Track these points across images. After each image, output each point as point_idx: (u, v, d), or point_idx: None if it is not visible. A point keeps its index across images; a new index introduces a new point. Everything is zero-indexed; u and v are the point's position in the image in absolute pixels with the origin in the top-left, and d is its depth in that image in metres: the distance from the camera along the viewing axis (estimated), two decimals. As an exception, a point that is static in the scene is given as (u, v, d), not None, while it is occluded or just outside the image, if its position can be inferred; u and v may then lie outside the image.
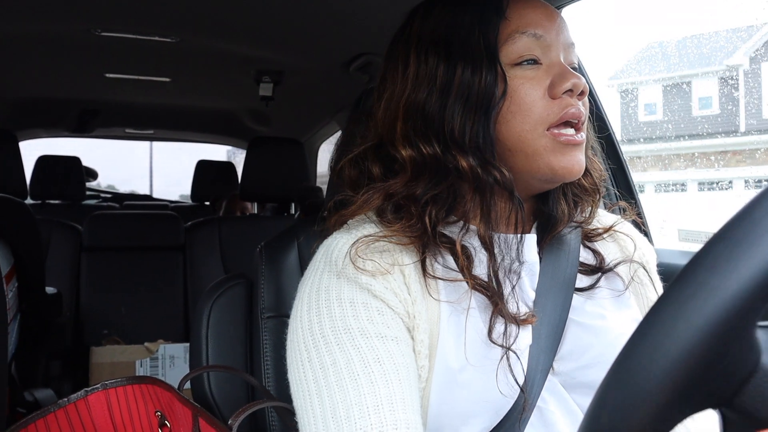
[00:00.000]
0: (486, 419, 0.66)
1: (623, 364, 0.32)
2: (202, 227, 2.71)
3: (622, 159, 1.50)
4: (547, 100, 0.69)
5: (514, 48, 0.70)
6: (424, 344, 0.66)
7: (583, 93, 0.69)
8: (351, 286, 0.67)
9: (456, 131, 0.68)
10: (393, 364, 0.62)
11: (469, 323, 0.67)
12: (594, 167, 0.79)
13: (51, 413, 0.85)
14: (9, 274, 1.39)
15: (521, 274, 0.73)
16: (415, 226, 0.69)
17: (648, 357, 0.31)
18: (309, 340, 0.65)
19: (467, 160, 0.68)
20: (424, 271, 0.69)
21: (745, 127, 3.72)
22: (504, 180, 0.68)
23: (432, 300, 0.68)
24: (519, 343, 0.68)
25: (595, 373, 0.70)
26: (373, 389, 0.60)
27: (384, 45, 0.83)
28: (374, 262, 0.67)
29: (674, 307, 0.31)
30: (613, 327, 0.73)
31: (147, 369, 2.20)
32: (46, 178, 3.25)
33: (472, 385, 0.65)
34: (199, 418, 0.79)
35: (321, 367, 0.63)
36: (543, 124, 0.68)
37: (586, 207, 0.79)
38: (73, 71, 2.46)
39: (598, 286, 0.76)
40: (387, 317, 0.65)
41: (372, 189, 0.73)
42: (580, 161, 0.70)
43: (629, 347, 0.33)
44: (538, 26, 0.70)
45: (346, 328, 0.64)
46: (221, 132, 3.91)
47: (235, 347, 1.00)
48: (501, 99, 0.68)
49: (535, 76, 0.69)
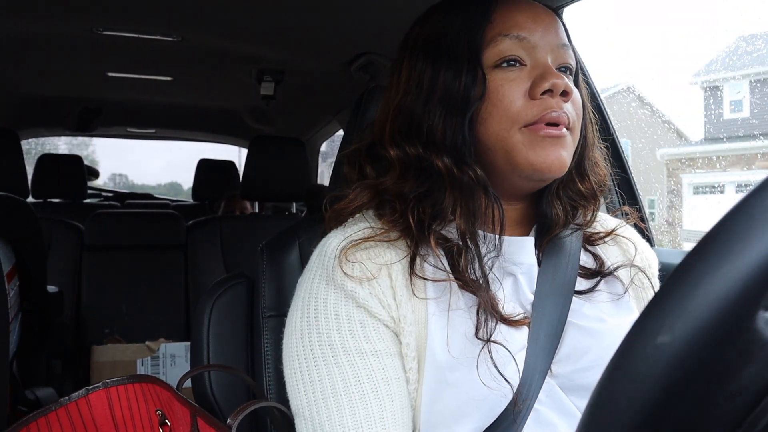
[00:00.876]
0: (478, 418, 0.67)
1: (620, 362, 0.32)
2: (203, 226, 2.71)
3: (625, 163, 1.50)
4: (526, 101, 0.70)
5: (496, 50, 0.71)
6: (410, 347, 0.69)
7: (566, 94, 0.70)
8: (337, 293, 0.70)
9: (436, 132, 0.71)
10: (371, 382, 0.67)
11: (457, 321, 0.69)
12: (594, 172, 0.79)
13: (52, 412, 0.85)
14: (10, 272, 1.40)
15: (517, 276, 0.74)
16: (400, 220, 0.72)
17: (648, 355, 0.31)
18: (300, 350, 0.70)
19: (442, 160, 0.70)
20: (411, 271, 0.70)
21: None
22: (478, 178, 0.70)
23: (418, 300, 0.70)
24: (512, 343, 0.68)
25: (593, 376, 0.70)
26: (352, 410, 0.66)
27: (385, 44, 0.85)
28: (362, 264, 0.70)
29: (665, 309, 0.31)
30: (612, 330, 0.73)
31: (148, 368, 2.20)
32: (48, 177, 3.25)
33: (462, 383, 0.66)
34: (197, 418, 0.79)
35: (310, 381, 0.69)
36: (519, 123, 0.69)
37: (588, 212, 0.79)
38: (75, 70, 2.47)
39: (598, 289, 0.77)
40: (368, 329, 0.69)
41: (363, 186, 0.76)
42: (560, 157, 0.70)
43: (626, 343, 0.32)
44: (522, 28, 0.71)
45: (331, 344, 0.68)
46: (222, 131, 3.92)
47: (236, 346, 1.00)
48: (479, 100, 0.70)
49: (516, 77, 0.70)
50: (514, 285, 0.74)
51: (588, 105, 0.78)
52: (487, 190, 0.71)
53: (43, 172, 3.24)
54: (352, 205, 0.76)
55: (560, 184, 0.76)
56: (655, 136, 4.20)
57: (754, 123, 3.45)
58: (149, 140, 4.52)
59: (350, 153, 0.81)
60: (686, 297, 0.29)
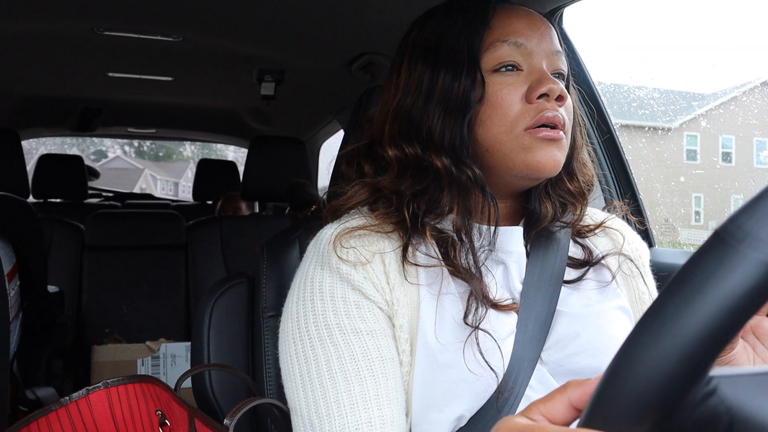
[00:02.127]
0: (468, 401, 0.69)
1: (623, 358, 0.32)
2: (203, 226, 2.72)
3: (624, 159, 1.50)
4: (523, 104, 0.73)
5: (495, 55, 0.74)
6: (403, 329, 0.71)
7: (561, 98, 0.73)
8: (333, 277, 0.72)
9: (434, 133, 0.74)
10: (367, 360, 0.69)
11: (448, 305, 0.71)
12: (582, 172, 0.82)
13: (53, 412, 0.85)
14: (11, 272, 1.40)
15: (507, 265, 0.77)
16: (395, 213, 0.75)
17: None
18: (296, 333, 0.72)
19: (441, 160, 0.73)
20: (404, 258, 0.73)
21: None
22: (476, 177, 0.73)
23: (410, 285, 0.72)
24: (500, 330, 0.71)
25: (582, 360, 0.72)
26: (348, 387, 0.67)
27: (385, 44, 0.86)
28: (356, 250, 0.73)
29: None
30: (599, 315, 0.76)
31: (149, 368, 2.20)
32: (49, 177, 3.25)
33: (451, 365, 0.69)
34: (195, 420, 0.79)
35: (305, 362, 0.70)
36: (519, 126, 0.72)
37: (576, 210, 0.82)
38: (75, 70, 2.47)
39: (586, 278, 0.80)
40: (364, 310, 0.71)
41: (361, 183, 0.79)
42: (555, 157, 0.73)
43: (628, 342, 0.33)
44: (519, 35, 0.74)
45: (326, 324, 0.71)
46: (223, 131, 3.92)
47: (236, 346, 1.00)
48: (478, 103, 0.73)
49: (514, 81, 0.73)
50: (504, 273, 0.77)
51: (578, 110, 0.81)
52: (483, 189, 0.74)
53: (43, 172, 3.24)
54: (351, 202, 0.79)
55: (549, 182, 0.80)
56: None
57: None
58: (150, 140, 4.52)
59: (349, 152, 0.83)
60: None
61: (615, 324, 0.76)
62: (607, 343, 0.73)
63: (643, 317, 0.32)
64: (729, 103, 2.92)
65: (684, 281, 0.31)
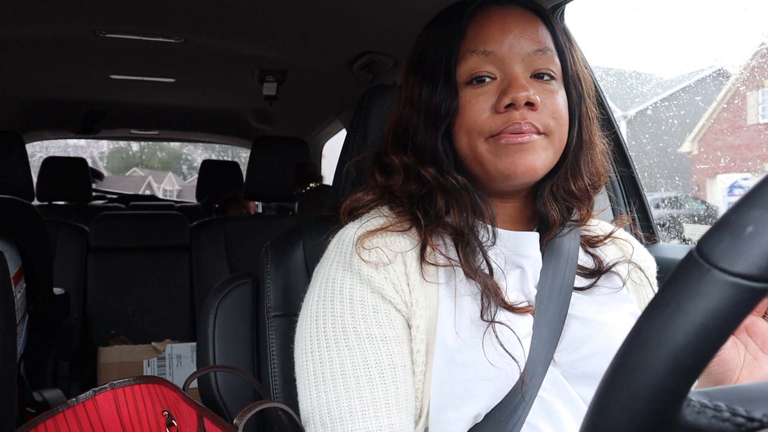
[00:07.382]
0: (486, 398, 0.69)
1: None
2: (207, 227, 2.72)
3: (630, 163, 1.49)
4: (491, 114, 0.74)
5: (466, 67, 0.75)
6: (420, 329, 0.72)
7: (532, 105, 0.72)
8: (353, 278, 0.74)
9: (419, 144, 0.78)
10: (378, 367, 0.70)
11: (465, 305, 0.72)
12: (589, 171, 0.82)
13: (60, 413, 0.85)
14: (17, 275, 1.40)
15: (525, 268, 0.78)
16: (409, 212, 0.79)
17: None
18: (314, 331, 0.73)
19: (427, 169, 0.77)
20: (422, 258, 0.75)
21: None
22: (459, 184, 0.76)
23: (429, 285, 0.74)
24: (517, 331, 0.71)
25: (595, 363, 0.73)
26: (359, 393, 0.69)
27: (387, 44, 0.86)
28: (379, 250, 0.74)
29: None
30: (611, 319, 0.76)
31: (154, 368, 2.21)
32: (53, 180, 3.26)
33: (470, 363, 0.69)
34: (204, 419, 0.79)
35: (320, 362, 0.71)
36: (483, 135, 0.74)
37: (582, 211, 0.83)
38: (78, 73, 2.47)
39: (598, 285, 0.81)
40: (380, 315, 0.72)
41: (374, 184, 0.83)
42: (526, 162, 0.73)
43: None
44: (488, 43, 0.75)
45: (343, 327, 0.72)
46: (226, 132, 3.93)
47: (241, 346, 1.00)
48: (452, 115, 0.75)
49: (485, 91, 0.74)
50: (521, 276, 0.78)
51: (584, 105, 0.80)
52: (470, 193, 0.76)
53: (48, 174, 3.25)
54: (366, 198, 0.82)
55: (552, 184, 0.80)
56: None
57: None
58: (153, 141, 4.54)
59: (359, 161, 0.89)
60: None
61: (627, 329, 0.75)
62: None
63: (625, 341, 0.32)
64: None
65: (659, 306, 0.31)
